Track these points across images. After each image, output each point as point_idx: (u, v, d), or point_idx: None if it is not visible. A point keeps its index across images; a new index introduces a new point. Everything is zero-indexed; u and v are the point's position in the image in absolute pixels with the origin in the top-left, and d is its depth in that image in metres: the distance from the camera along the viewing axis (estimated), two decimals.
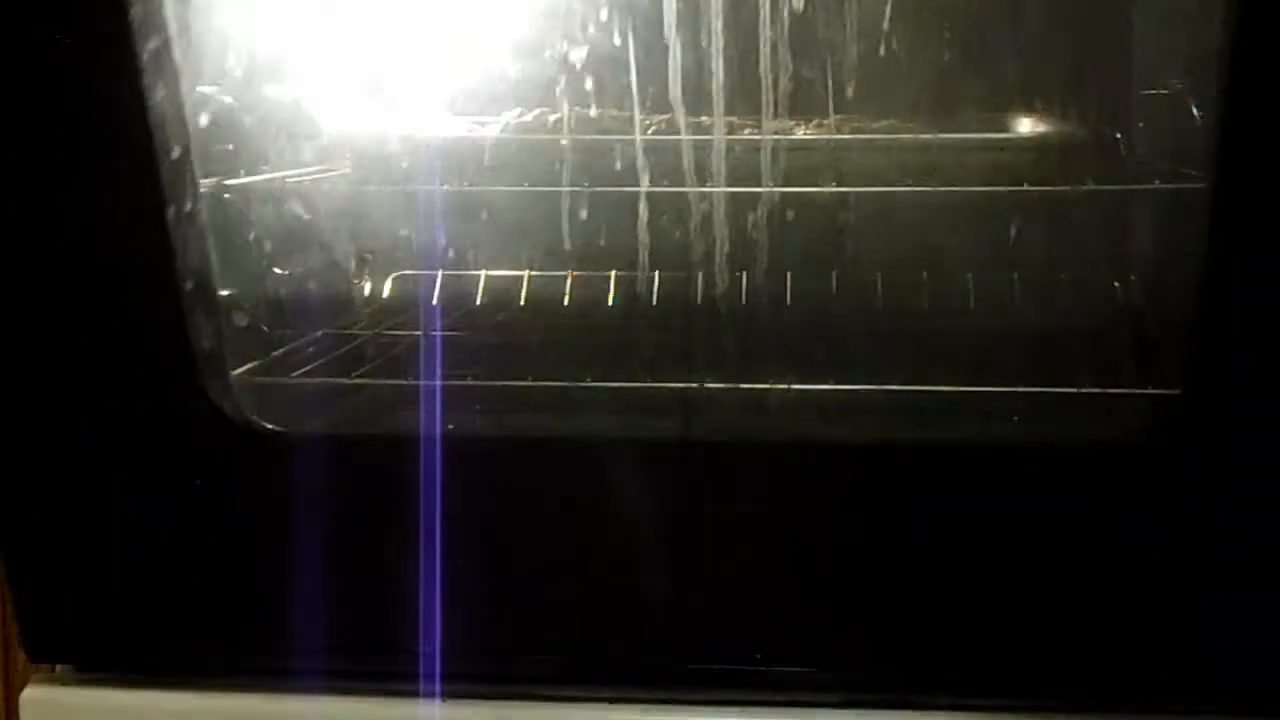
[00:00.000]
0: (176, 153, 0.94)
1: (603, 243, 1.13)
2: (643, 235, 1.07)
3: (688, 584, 0.98)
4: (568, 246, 1.13)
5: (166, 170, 0.92)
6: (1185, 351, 0.92)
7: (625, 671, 0.99)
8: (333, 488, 0.96)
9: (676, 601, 0.98)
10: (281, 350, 1.10)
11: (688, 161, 1.04)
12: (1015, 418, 0.98)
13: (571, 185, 1.11)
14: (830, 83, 1.09)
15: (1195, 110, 0.98)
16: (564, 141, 1.11)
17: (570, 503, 0.98)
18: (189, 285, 0.95)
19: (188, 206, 0.95)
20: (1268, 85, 0.87)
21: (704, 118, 1.05)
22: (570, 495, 0.97)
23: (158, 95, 0.91)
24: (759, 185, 1.05)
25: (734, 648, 0.97)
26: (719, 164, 1.04)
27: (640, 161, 1.06)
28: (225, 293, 1.01)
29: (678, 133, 1.05)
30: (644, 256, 1.08)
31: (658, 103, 1.06)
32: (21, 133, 0.92)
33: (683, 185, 1.04)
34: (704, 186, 1.03)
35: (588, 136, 1.12)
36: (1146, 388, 0.96)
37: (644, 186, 1.06)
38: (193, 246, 0.95)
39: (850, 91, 1.10)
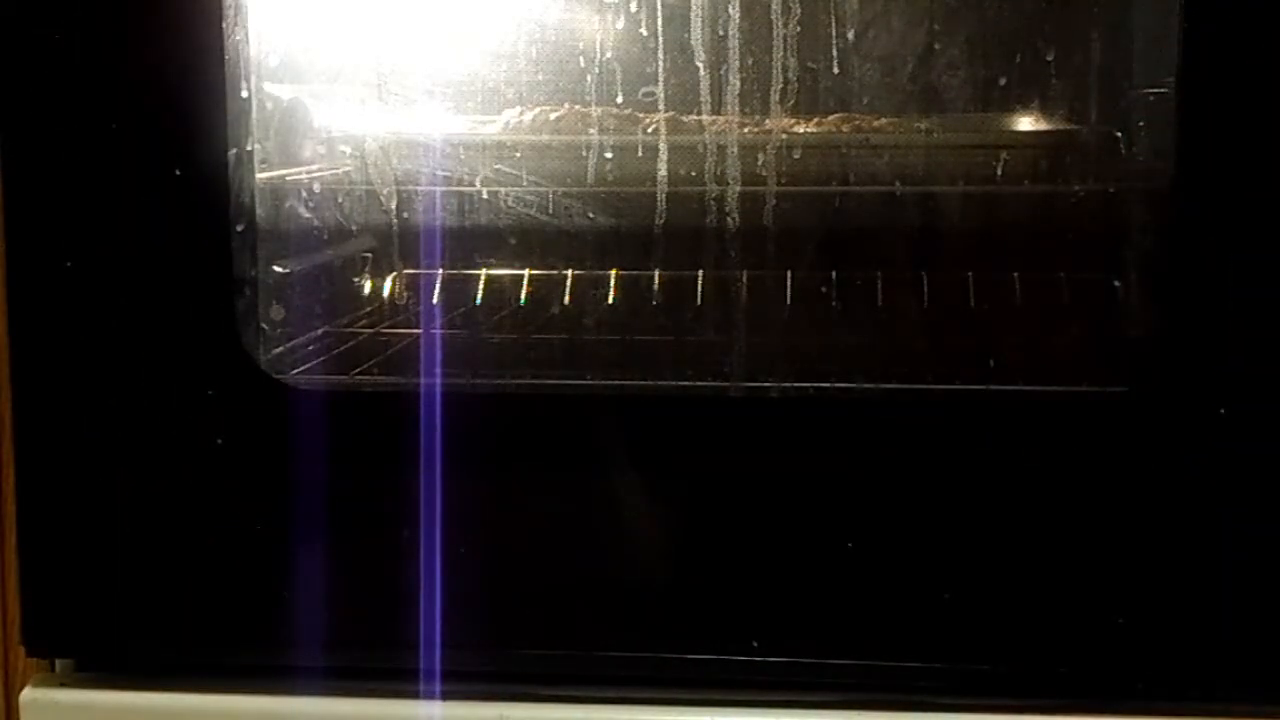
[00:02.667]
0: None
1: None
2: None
3: (687, 571, 0.99)
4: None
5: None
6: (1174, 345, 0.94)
7: (625, 662, 1.00)
8: (340, 464, 0.98)
9: (676, 589, 0.99)
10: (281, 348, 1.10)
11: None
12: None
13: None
14: (826, 80, 1.11)
15: None
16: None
17: (570, 492, 0.99)
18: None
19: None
20: (1221, 81, 0.91)
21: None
22: (570, 484, 0.99)
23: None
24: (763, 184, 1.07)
25: (732, 637, 0.98)
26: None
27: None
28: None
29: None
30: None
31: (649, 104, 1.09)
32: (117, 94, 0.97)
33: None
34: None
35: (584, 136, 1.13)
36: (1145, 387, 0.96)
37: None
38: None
39: (846, 89, 1.12)
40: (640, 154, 1.10)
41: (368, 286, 1.23)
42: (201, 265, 0.98)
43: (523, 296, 1.20)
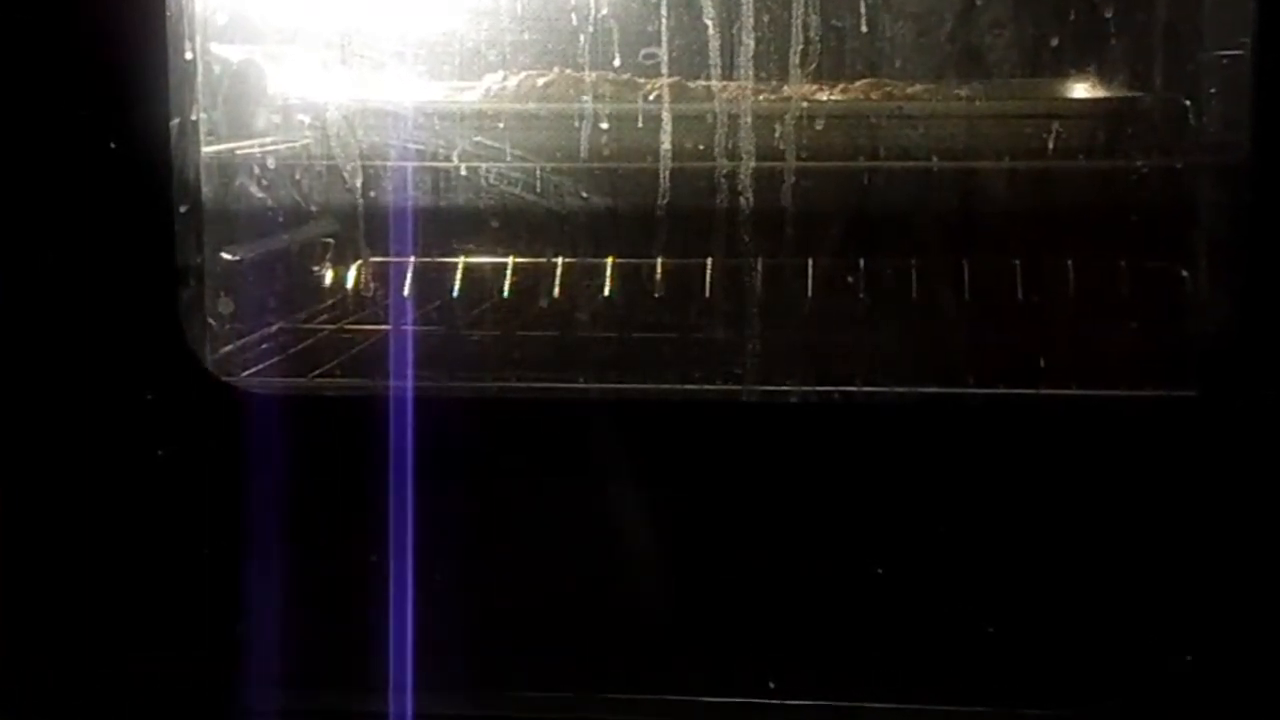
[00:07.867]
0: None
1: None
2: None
3: (694, 601, 0.96)
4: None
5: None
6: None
7: (624, 705, 0.96)
8: (300, 469, 0.95)
9: (682, 622, 0.96)
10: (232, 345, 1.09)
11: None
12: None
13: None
14: (853, 40, 1.14)
15: None
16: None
17: (561, 510, 0.96)
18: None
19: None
20: None
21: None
22: (561, 502, 0.96)
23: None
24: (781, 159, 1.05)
25: (745, 676, 0.95)
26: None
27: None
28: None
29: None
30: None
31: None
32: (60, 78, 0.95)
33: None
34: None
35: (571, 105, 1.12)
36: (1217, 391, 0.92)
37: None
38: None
39: (876, 50, 1.11)
40: (640, 125, 1.09)
41: (329, 276, 1.22)
42: (139, 251, 0.95)
43: (506, 288, 1.19)
